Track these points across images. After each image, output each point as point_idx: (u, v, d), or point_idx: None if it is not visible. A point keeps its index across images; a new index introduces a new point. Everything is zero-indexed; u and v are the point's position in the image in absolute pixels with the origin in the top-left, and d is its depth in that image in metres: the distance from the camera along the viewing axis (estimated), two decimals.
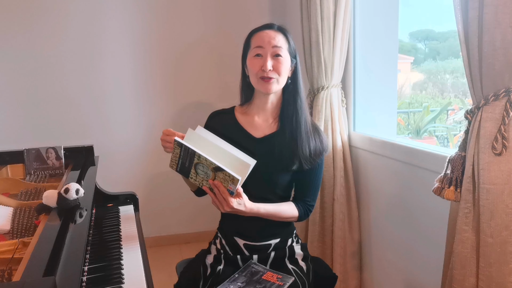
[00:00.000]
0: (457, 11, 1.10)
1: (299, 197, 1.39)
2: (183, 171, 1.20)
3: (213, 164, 1.12)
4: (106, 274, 1.13)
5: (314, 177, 1.38)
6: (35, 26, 2.50)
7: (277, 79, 1.28)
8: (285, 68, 1.29)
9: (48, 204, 1.17)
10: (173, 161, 1.20)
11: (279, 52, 1.27)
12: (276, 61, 1.27)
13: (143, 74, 2.72)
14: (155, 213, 2.86)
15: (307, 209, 1.38)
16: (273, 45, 1.27)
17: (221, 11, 2.78)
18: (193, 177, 1.19)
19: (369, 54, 2.11)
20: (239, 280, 1.27)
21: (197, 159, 1.14)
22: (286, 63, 1.29)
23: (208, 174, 1.15)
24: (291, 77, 1.34)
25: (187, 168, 1.18)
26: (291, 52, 1.32)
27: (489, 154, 1.08)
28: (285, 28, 1.34)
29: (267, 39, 1.28)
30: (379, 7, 2.08)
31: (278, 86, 1.30)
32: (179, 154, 1.17)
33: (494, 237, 1.08)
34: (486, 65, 1.06)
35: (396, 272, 1.87)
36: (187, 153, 1.15)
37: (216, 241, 1.44)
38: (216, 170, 1.12)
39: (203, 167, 1.14)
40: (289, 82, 1.33)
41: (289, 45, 1.31)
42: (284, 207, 1.34)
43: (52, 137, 2.58)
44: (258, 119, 1.37)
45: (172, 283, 1.44)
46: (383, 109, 2.15)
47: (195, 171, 1.17)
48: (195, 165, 1.15)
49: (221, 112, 1.43)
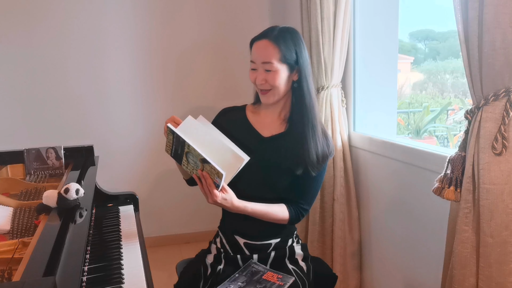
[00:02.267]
0: (457, 11, 1.10)
1: (294, 199, 1.36)
2: (176, 157, 1.22)
3: (200, 155, 1.12)
4: (106, 274, 1.13)
5: (314, 182, 1.36)
6: (36, 26, 2.50)
7: (272, 90, 1.29)
8: (279, 79, 1.27)
9: (48, 204, 1.17)
10: (168, 146, 1.22)
11: (269, 68, 1.27)
12: (267, 75, 1.27)
13: (144, 74, 2.72)
14: (155, 213, 2.86)
15: (299, 212, 1.36)
16: (262, 61, 1.27)
17: (221, 12, 2.78)
18: (185, 164, 1.21)
19: (369, 54, 2.11)
20: (240, 280, 1.27)
21: (187, 148, 1.15)
22: (278, 75, 1.27)
23: (197, 164, 1.16)
24: (297, 80, 1.31)
25: (180, 155, 1.19)
26: (289, 59, 1.27)
27: (489, 154, 1.08)
28: (281, 35, 1.28)
29: (258, 54, 1.28)
30: (379, 7, 2.08)
31: (276, 96, 1.30)
32: (172, 141, 1.19)
33: (494, 237, 1.08)
34: (486, 65, 1.06)
35: (396, 272, 1.87)
36: (178, 141, 1.17)
37: (217, 240, 1.44)
38: (203, 161, 1.14)
39: (193, 157, 1.16)
40: (295, 85, 1.31)
41: (283, 54, 1.26)
42: (273, 208, 1.32)
43: (52, 137, 2.58)
44: (267, 119, 1.37)
45: (172, 283, 1.44)
46: (383, 109, 2.15)
47: (186, 159, 1.18)
48: (186, 153, 1.17)
49: (232, 109, 1.43)
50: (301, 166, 1.29)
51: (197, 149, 1.12)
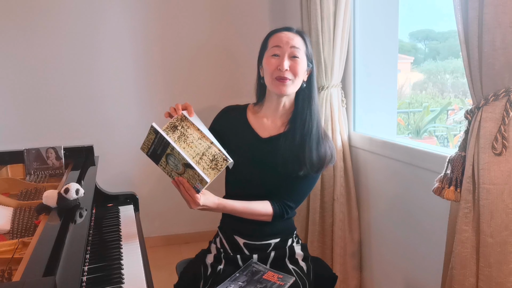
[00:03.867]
0: (457, 11, 1.10)
1: (281, 197, 1.33)
2: (153, 156, 1.18)
3: (184, 159, 1.11)
4: (106, 274, 1.13)
5: (305, 182, 1.34)
6: (36, 26, 2.50)
7: (292, 80, 1.27)
8: (302, 70, 1.28)
9: (48, 204, 1.17)
10: (146, 145, 1.18)
11: (297, 53, 1.27)
12: (293, 62, 1.26)
13: (144, 74, 2.72)
14: (155, 213, 2.86)
15: (283, 209, 1.33)
16: (291, 45, 1.26)
17: (221, 12, 2.78)
18: (162, 165, 1.18)
19: (369, 54, 2.11)
20: (240, 279, 1.27)
21: (170, 150, 1.13)
22: (302, 65, 1.28)
23: (178, 167, 1.14)
24: (307, 81, 1.32)
25: (159, 156, 1.16)
26: (308, 56, 1.31)
27: (489, 154, 1.08)
28: (304, 32, 1.34)
29: (286, 39, 1.28)
30: (379, 7, 2.08)
31: (293, 88, 1.29)
32: (152, 140, 1.16)
33: (494, 237, 1.08)
34: (486, 65, 1.06)
35: (396, 272, 1.87)
36: (161, 142, 1.14)
37: (217, 239, 1.45)
38: (187, 166, 1.12)
39: (175, 160, 1.13)
40: (304, 86, 1.31)
41: (306, 48, 1.30)
42: (254, 204, 1.30)
43: (52, 137, 2.58)
44: (267, 121, 1.37)
45: (172, 283, 1.44)
46: (383, 109, 2.15)
47: (166, 160, 1.15)
48: (166, 155, 1.14)
49: (234, 108, 1.43)
50: (296, 169, 1.28)
51: (182, 154, 1.11)
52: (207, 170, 1.16)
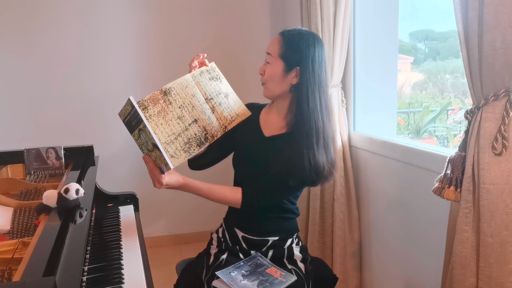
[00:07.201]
0: (457, 11, 1.10)
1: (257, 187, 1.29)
2: (129, 126, 1.16)
3: (153, 140, 1.10)
4: (106, 274, 1.13)
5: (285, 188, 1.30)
6: (36, 26, 2.50)
7: (266, 84, 1.32)
8: (271, 73, 1.28)
9: (48, 204, 1.17)
10: (122, 113, 1.17)
11: (267, 58, 1.31)
12: (265, 67, 1.31)
13: (144, 74, 2.72)
14: (155, 213, 2.86)
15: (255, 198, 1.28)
16: (266, 51, 1.32)
17: (221, 12, 2.78)
18: (135, 137, 1.16)
19: (369, 54, 2.11)
20: (244, 268, 1.29)
21: (142, 126, 1.11)
22: (272, 68, 1.28)
23: (148, 144, 1.13)
24: (296, 84, 1.26)
25: (133, 127, 1.15)
26: (287, 57, 1.25)
27: (489, 154, 1.08)
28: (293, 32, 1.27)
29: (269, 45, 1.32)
30: (379, 7, 2.08)
31: (268, 91, 1.32)
32: (128, 111, 1.15)
33: (494, 237, 1.08)
34: (486, 65, 1.06)
35: (396, 272, 1.87)
36: (135, 116, 1.12)
37: (219, 229, 1.47)
38: (155, 146, 1.11)
39: (146, 136, 1.12)
40: (292, 89, 1.28)
41: (283, 50, 1.26)
42: (221, 188, 1.29)
43: (52, 137, 2.58)
44: (273, 120, 1.38)
45: (172, 283, 1.44)
46: (383, 109, 2.15)
47: (138, 133, 1.14)
48: (139, 129, 1.13)
49: (253, 106, 1.45)
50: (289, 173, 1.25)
51: (152, 134, 1.09)
52: (179, 151, 1.15)
